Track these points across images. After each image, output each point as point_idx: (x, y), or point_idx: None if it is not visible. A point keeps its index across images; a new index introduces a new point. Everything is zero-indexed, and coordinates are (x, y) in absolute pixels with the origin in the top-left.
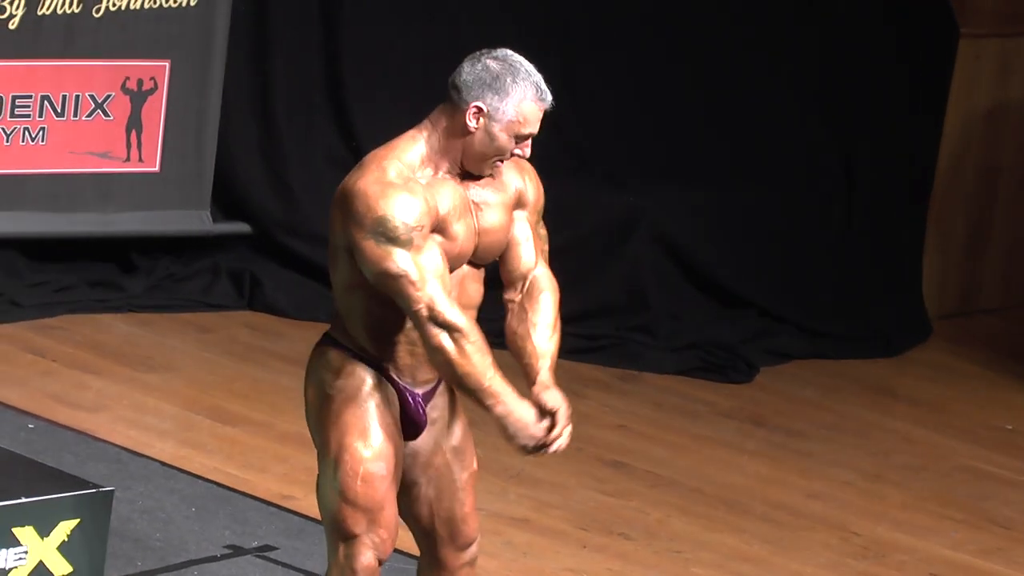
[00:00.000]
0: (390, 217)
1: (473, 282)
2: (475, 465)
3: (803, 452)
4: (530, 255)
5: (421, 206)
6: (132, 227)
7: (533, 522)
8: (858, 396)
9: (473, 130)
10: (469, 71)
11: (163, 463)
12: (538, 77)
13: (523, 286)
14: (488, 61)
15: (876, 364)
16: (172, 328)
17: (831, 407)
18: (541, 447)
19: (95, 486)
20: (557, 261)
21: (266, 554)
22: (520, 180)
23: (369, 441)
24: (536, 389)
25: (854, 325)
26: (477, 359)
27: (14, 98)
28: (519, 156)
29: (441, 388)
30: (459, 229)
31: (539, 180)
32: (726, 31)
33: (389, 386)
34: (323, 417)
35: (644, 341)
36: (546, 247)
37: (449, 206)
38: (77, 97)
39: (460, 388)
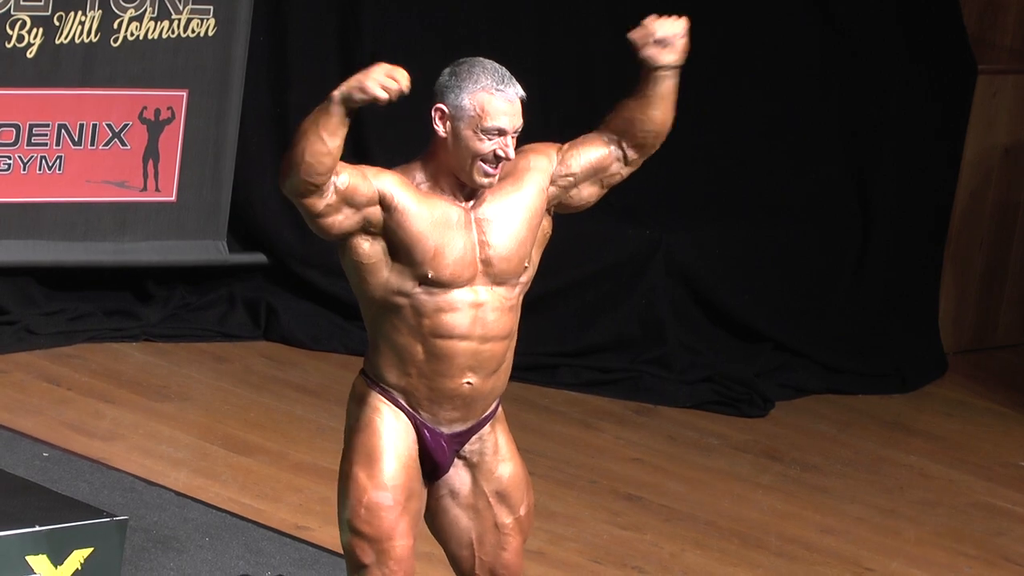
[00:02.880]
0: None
1: (495, 312)
2: (523, 511)
3: (818, 487)
4: (599, 142)
5: (398, 181)
6: (148, 256)
7: (548, 555)
8: (873, 431)
9: (444, 135)
10: (437, 82)
11: (177, 492)
12: (500, 71)
13: (625, 140)
14: (452, 67)
15: (892, 399)
16: (188, 357)
17: (846, 442)
18: (391, 80)
19: (109, 515)
20: (573, 295)
21: None
22: (527, 161)
23: (375, 470)
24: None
25: (870, 360)
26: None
27: (31, 127)
28: (502, 158)
29: (485, 431)
30: (446, 240)
31: (539, 144)
32: (746, 66)
33: (404, 416)
34: (345, 447)
35: (659, 374)
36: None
37: (437, 216)
38: (95, 126)
39: (314, 132)
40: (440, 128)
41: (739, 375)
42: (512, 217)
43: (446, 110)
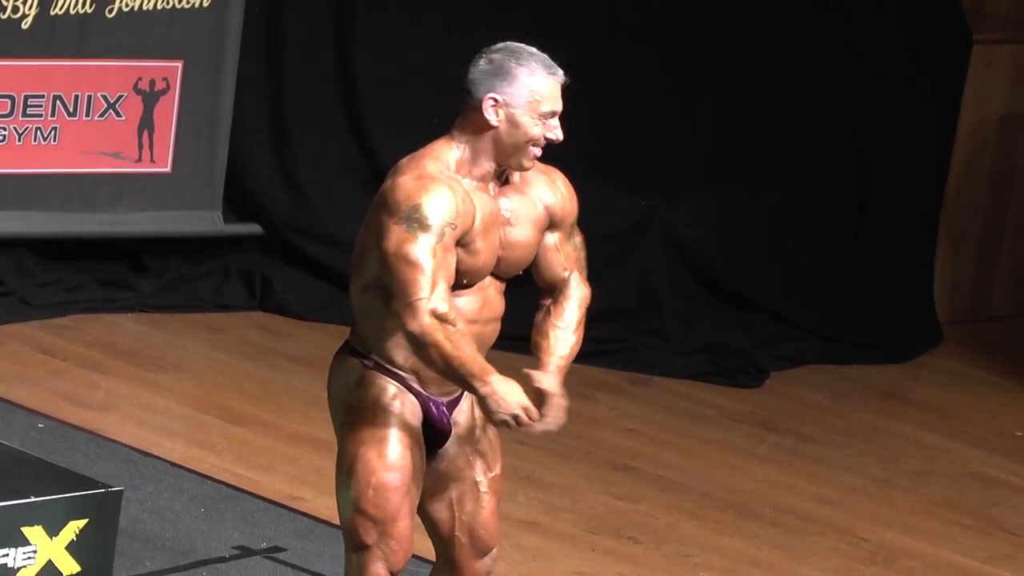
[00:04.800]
0: (427, 206)
1: (496, 294)
2: (499, 470)
3: (813, 457)
4: (560, 263)
5: (458, 206)
6: (143, 227)
7: (543, 525)
8: (868, 401)
9: (496, 124)
10: (474, 71)
11: (172, 463)
12: (543, 55)
13: (555, 292)
14: (489, 55)
15: (887, 370)
16: (183, 328)
17: (841, 412)
18: (519, 423)
19: (104, 486)
20: None
21: (275, 555)
22: (551, 195)
23: (384, 451)
24: (535, 373)
25: (865, 331)
26: (467, 348)
27: (27, 98)
28: (553, 140)
29: (468, 394)
30: (485, 242)
31: (571, 188)
32: (741, 37)
33: (411, 396)
34: (343, 426)
35: (655, 345)
36: (582, 254)
37: (481, 217)
38: (89, 97)
39: (450, 374)
40: (493, 117)
41: (735, 345)
42: (527, 219)
43: (499, 99)
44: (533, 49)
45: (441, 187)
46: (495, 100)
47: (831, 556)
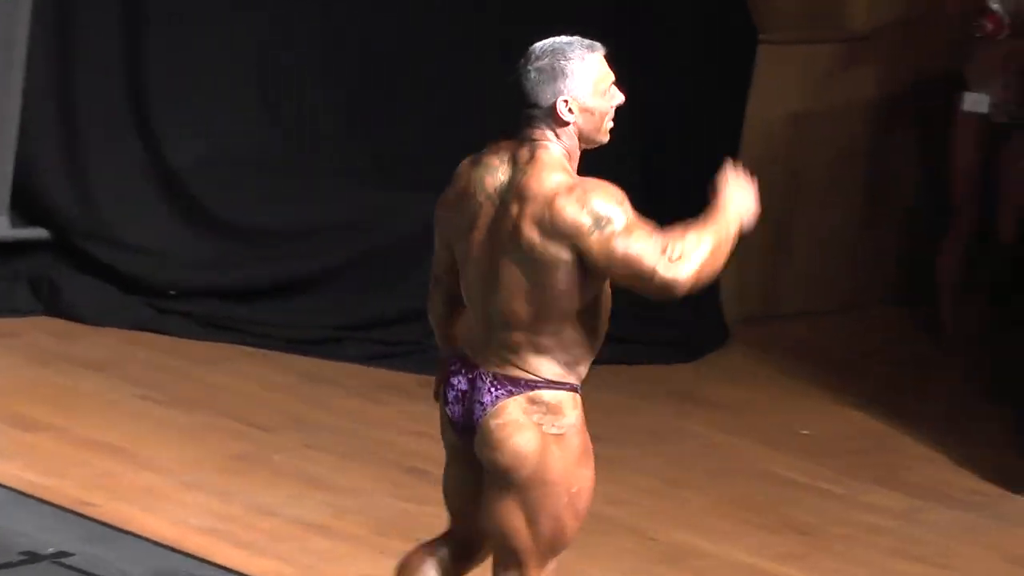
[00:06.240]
0: (606, 202)
1: None
2: None
3: (605, 457)
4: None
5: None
6: None
7: (332, 528)
8: (659, 401)
9: (576, 119)
10: (529, 86)
11: None
12: (577, 39)
13: None
14: (535, 65)
15: (679, 369)
16: None
17: (633, 412)
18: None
19: None
20: (358, 268)
21: (62, 560)
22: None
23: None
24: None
25: (654, 330)
26: (699, 234)
27: None
28: (620, 105)
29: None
30: None
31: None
32: (528, 38)
33: None
34: (556, 457)
35: None
36: None
37: None
38: None
39: (727, 245)
40: (570, 116)
41: None
42: None
43: (567, 98)
44: (563, 38)
45: (600, 182)
46: (565, 100)
47: (622, 556)
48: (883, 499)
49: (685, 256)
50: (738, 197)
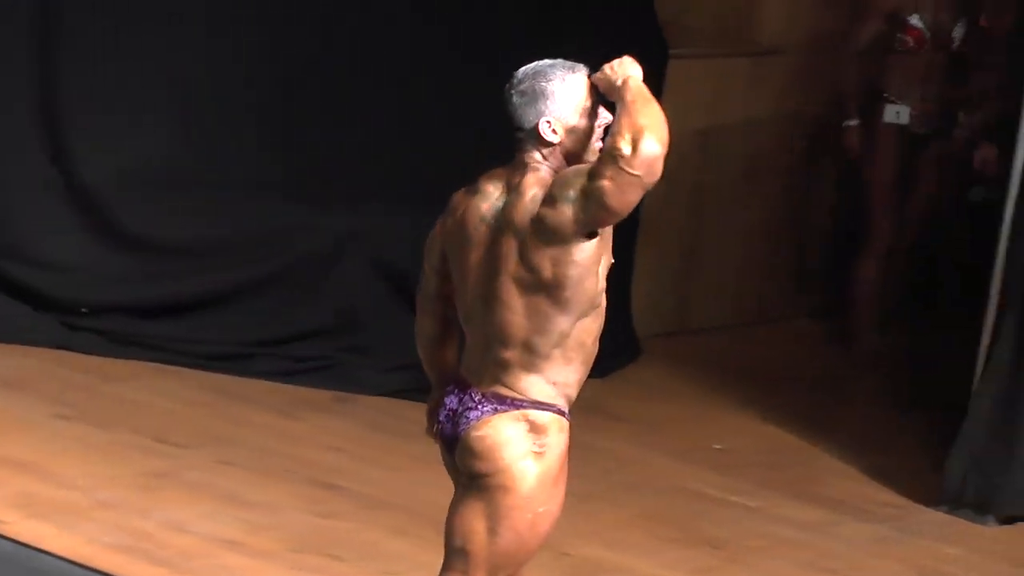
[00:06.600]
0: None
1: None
2: None
3: None
4: None
5: None
6: None
7: (246, 545)
8: (574, 416)
9: (561, 140)
10: (513, 110)
11: None
12: (558, 61)
13: None
14: (517, 89)
15: (588, 384)
16: None
17: None
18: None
19: None
20: (270, 284)
21: None
22: None
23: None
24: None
25: None
26: (638, 106)
27: None
28: (608, 124)
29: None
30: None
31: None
32: (438, 58)
33: None
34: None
35: (357, 362)
36: None
37: None
38: None
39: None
40: (553, 136)
41: None
42: None
43: (550, 119)
44: (546, 61)
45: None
46: (547, 122)
47: (535, 571)
48: (797, 512)
49: (634, 134)
50: (621, 71)
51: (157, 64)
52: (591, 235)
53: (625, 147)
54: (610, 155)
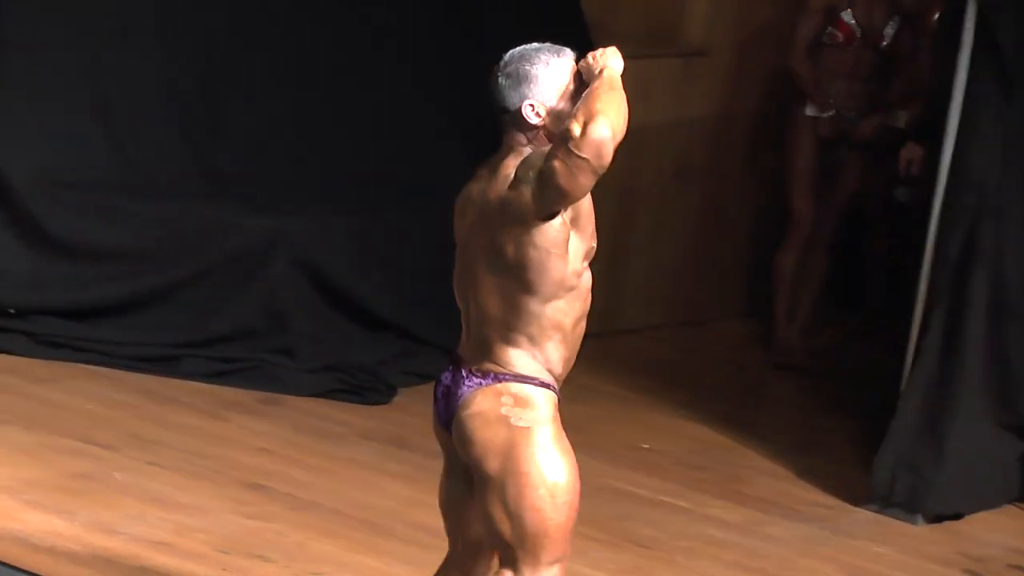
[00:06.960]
0: None
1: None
2: None
3: (435, 471)
4: None
5: None
6: None
7: (174, 546)
8: None
9: (544, 123)
10: (497, 93)
11: None
12: (544, 45)
13: None
14: (503, 72)
15: None
16: None
17: None
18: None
19: None
20: (195, 285)
21: None
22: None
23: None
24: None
25: None
26: (590, 102)
27: None
28: None
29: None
30: (588, 226)
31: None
32: (367, 56)
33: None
34: (524, 444)
35: (284, 363)
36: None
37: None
38: None
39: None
40: (536, 119)
41: (363, 362)
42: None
43: (534, 102)
44: (533, 45)
45: None
46: (531, 106)
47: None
48: (725, 512)
49: (587, 118)
50: (601, 60)
51: (80, 65)
52: (550, 217)
53: (576, 129)
54: (561, 137)
